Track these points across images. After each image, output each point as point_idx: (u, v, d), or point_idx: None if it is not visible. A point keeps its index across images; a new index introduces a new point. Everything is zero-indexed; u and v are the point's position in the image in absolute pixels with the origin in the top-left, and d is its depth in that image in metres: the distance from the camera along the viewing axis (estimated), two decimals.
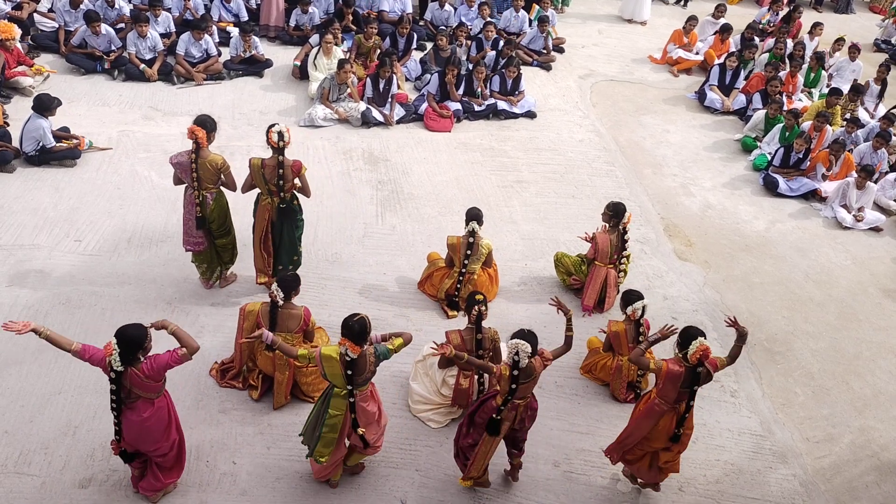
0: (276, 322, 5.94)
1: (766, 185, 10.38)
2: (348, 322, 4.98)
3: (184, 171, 6.72)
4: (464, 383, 6.20)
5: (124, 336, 4.78)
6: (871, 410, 7.13)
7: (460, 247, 7.26)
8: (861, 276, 8.92)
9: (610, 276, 7.56)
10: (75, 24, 11.37)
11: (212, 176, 6.74)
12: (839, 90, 11.58)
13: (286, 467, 5.73)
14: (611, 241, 7.47)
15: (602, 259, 7.51)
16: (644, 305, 6.39)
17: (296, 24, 12.68)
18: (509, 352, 5.03)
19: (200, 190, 6.76)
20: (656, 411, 5.38)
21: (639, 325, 6.46)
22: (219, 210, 6.98)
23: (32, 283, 7.30)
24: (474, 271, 7.33)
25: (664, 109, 12.33)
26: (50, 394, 6.20)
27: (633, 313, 6.40)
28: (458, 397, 6.26)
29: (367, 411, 5.22)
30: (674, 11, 16.75)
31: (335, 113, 10.58)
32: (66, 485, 5.54)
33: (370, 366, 5.04)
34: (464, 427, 5.52)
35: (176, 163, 6.71)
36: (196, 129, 6.50)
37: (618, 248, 7.51)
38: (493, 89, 11.41)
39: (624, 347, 6.52)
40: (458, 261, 7.29)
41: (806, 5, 17.61)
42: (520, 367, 5.03)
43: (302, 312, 6.02)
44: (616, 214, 7.45)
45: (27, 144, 8.86)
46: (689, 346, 5.14)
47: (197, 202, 6.79)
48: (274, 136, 6.58)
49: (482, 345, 6.05)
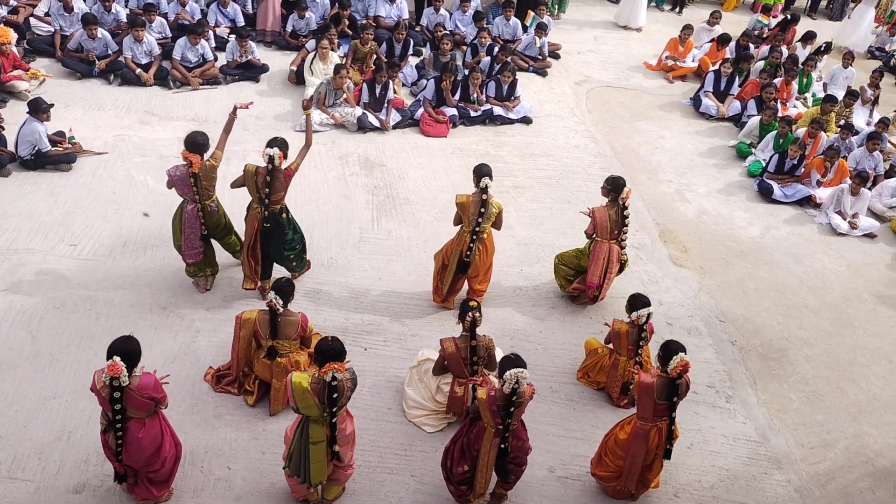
0: (276, 329, 5.94)
1: (760, 192, 10.42)
2: (327, 345, 4.95)
3: (184, 185, 6.77)
4: (458, 391, 6.18)
5: (125, 351, 4.75)
6: (866, 416, 7.14)
7: (470, 205, 7.08)
8: (855, 283, 8.95)
9: (612, 251, 7.42)
10: (71, 29, 11.37)
11: (211, 182, 6.86)
12: (834, 97, 11.63)
13: (281, 473, 5.70)
14: (610, 217, 7.35)
15: (602, 234, 7.39)
16: (649, 313, 6.36)
17: (292, 29, 12.69)
18: (508, 382, 4.94)
19: (203, 200, 6.86)
20: (641, 433, 5.48)
21: (641, 330, 6.45)
22: (219, 216, 7.13)
23: (27, 287, 7.28)
24: (485, 230, 7.20)
25: (659, 116, 12.37)
26: (44, 398, 6.18)
27: (637, 319, 6.37)
28: (453, 405, 6.24)
29: (344, 432, 5.16)
30: (669, 18, 16.81)
31: (331, 118, 10.59)
32: (60, 490, 5.51)
33: (347, 391, 4.97)
34: (455, 453, 5.46)
35: (175, 176, 6.77)
36: (191, 156, 6.63)
37: (617, 224, 7.39)
38: (488, 95, 11.44)
39: (623, 348, 6.51)
40: (468, 219, 7.13)
41: (801, 12, 17.68)
42: (517, 394, 5.01)
43: (299, 319, 6.01)
44: (614, 188, 7.35)
45: (23, 148, 8.84)
46: (669, 361, 5.25)
47: (200, 215, 6.89)
48: (265, 157, 6.70)
49: (476, 352, 6.04)
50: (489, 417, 5.10)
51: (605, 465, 5.80)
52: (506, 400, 5.01)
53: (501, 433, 5.16)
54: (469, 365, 6.08)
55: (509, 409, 5.03)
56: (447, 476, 5.59)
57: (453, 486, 5.59)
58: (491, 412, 5.07)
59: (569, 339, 7.49)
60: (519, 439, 5.33)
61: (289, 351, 6.04)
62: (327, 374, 4.77)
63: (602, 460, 5.84)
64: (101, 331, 6.81)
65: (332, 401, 4.87)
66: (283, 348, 6.00)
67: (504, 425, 5.11)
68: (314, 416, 4.97)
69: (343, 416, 5.13)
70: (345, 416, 5.17)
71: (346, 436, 5.19)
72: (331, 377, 4.78)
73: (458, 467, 5.43)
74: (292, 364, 6.01)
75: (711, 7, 16.60)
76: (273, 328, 5.93)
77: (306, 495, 5.52)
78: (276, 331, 5.95)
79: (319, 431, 5.02)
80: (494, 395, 5.04)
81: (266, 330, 5.95)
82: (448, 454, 5.53)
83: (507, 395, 4.99)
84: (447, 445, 5.57)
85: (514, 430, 5.23)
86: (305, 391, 4.86)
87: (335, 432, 5.03)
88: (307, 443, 5.03)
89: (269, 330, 5.94)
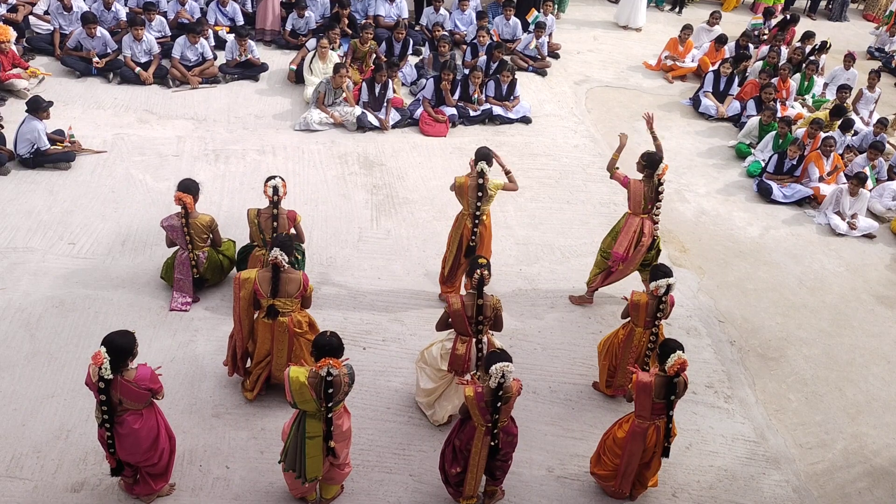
0: (277, 287, 5.85)
1: (759, 192, 10.42)
2: (324, 339, 4.94)
3: (176, 234, 7.00)
4: (460, 349, 5.98)
5: (113, 344, 4.76)
6: (864, 417, 7.15)
7: (469, 188, 7.06)
8: (854, 283, 8.95)
9: (645, 225, 7.33)
10: (70, 27, 11.36)
11: (203, 235, 7.06)
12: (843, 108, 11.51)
13: (279, 472, 5.69)
14: (644, 192, 7.28)
15: (636, 208, 7.32)
16: (669, 284, 6.15)
17: (292, 28, 12.69)
18: (494, 377, 4.92)
19: (194, 250, 7.06)
20: (639, 431, 5.49)
21: (660, 302, 6.27)
22: (211, 265, 7.27)
23: (26, 285, 7.27)
24: (485, 212, 7.20)
25: (659, 116, 12.31)
26: (42, 397, 6.18)
27: (657, 289, 6.19)
28: (454, 363, 6.03)
29: (340, 429, 5.16)
30: (669, 18, 16.82)
31: (330, 117, 10.59)
32: (58, 489, 5.51)
33: (344, 386, 4.97)
34: (448, 455, 5.46)
35: (167, 226, 7.01)
36: (183, 196, 6.79)
37: (651, 199, 7.30)
38: (488, 94, 11.44)
39: (641, 319, 6.34)
40: (467, 202, 7.12)
41: (800, 13, 17.69)
42: (503, 388, 4.99)
43: (300, 276, 5.94)
44: (650, 164, 7.25)
45: (21, 147, 8.84)
46: (667, 360, 5.26)
47: (193, 263, 7.09)
48: (269, 190, 6.79)
49: (482, 311, 5.87)
50: (478, 415, 5.10)
51: (604, 463, 5.81)
52: (492, 395, 5.00)
53: (491, 431, 5.16)
54: (474, 324, 5.91)
55: (496, 404, 5.02)
56: (444, 479, 5.61)
57: (452, 489, 5.60)
58: (479, 409, 5.06)
59: (567, 338, 7.49)
60: (509, 435, 5.33)
61: (290, 310, 5.95)
62: (322, 368, 4.79)
63: (601, 459, 5.84)
64: (99, 329, 6.79)
65: (327, 396, 4.87)
66: (286, 307, 5.91)
67: (493, 422, 5.11)
68: (311, 411, 4.98)
69: (340, 412, 5.13)
70: (342, 413, 5.17)
71: (343, 432, 5.19)
72: (326, 372, 4.79)
73: (451, 469, 5.44)
74: (294, 323, 5.96)
75: (711, 7, 16.60)
76: (275, 286, 5.84)
77: (304, 492, 5.51)
78: (278, 288, 5.85)
79: (316, 426, 5.03)
80: (482, 391, 5.04)
81: (267, 288, 5.84)
82: (443, 456, 5.54)
83: (494, 389, 4.97)
84: (442, 448, 5.58)
85: (503, 426, 5.23)
86: (303, 385, 4.87)
87: (331, 428, 5.04)
88: (303, 437, 5.04)
89: (269, 287, 5.84)
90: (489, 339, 6.08)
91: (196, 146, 9.84)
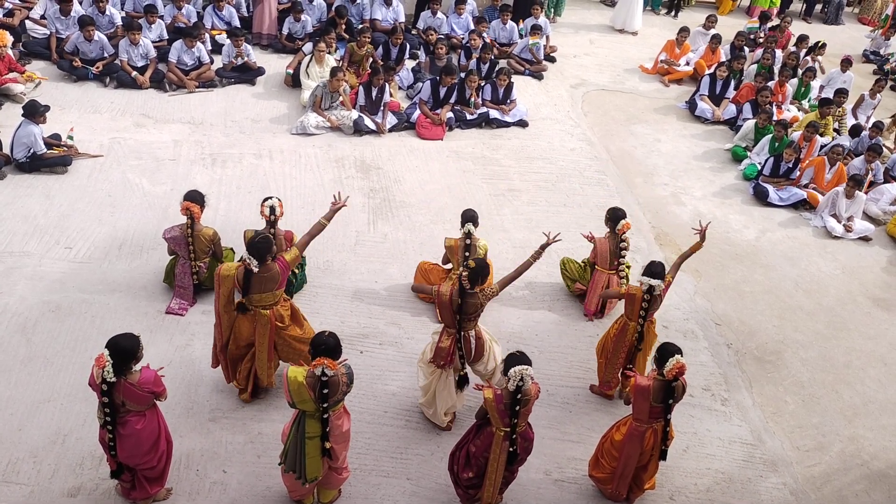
0: (249, 287, 5.84)
1: (756, 195, 10.44)
2: (321, 339, 4.96)
3: (179, 245, 7.05)
4: (444, 342, 5.97)
5: (117, 347, 4.77)
6: (861, 419, 7.16)
7: (458, 249, 7.27)
8: (850, 286, 8.97)
9: (611, 281, 7.51)
10: (67, 31, 11.35)
11: (205, 247, 7.11)
12: (830, 100, 11.67)
13: (276, 476, 5.69)
14: (609, 248, 7.47)
15: (602, 264, 7.52)
16: (652, 285, 6.14)
17: (288, 32, 12.70)
18: (513, 379, 4.93)
19: (196, 261, 7.11)
20: (637, 434, 5.49)
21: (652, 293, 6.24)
22: (212, 274, 7.15)
23: (22, 290, 7.26)
24: None
25: (655, 119, 12.39)
26: (39, 401, 6.17)
27: (641, 284, 6.21)
28: (438, 355, 6.01)
29: (340, 429, 5.16)
30: (665, 22, 16.86)
31: (327, 121, 10.59)
32: (55, 494, 5.50)
33: (343, 386, 4.98)
34: (461, 459, 5.45)
35: (170, 238, 7.06)
36: (191, 206, 6.85)
37: (615, 255, 7.48)
38: (484, 98, 11.45)
39: (635, 313, 6.35)
40: (457, 262, 7.29)
41: (795, 16, 17.76)
42: (523, 391, 4.99)
43: (278, 271, 5.86)
44: (612, 219, 7.46)
45: (18, 151, 8.83)
46: (666, 363, 5.26)
47: (193, 272, 7.14)
48: (266, 210, 6.86)
49: (465, 309, 5.80)
50: (497, 418, 5.09)
51: (602, 466, 5.81)
52: (511, 398, 5.01)
53: (509, 435, 5.16)
54: (457, 319, 5.87)
55: (515, 407, 5.03)
56: (455, 480, 5.59)
57: (461, 490, 5.58)
58: (499, 412, 5.06)
59: (564, 342, 7.49)
60: (526, 440, 5.33)
61: (272, 303, 5.97)
62: (317, 368, 4.79)
63: (599, 462, 5.84)
64: (96, 334, 6.79)
65: (322, 396, 4.87)
66: (264, 300, 5.93)
67: (511, 426, 5.10)
68: (310, 411, 4.98)
69: (340, 412, 5.13)
70: (341, 413, 5.17)
71: (342, 433, 5.18)
72: (320, 372, 4.79)
73: (464, 473, 5.43)
74: (276, 317, 5.99)
75: (707, 11, 16.66)
76: (246, 286, 5.85)
77: (303, 494, 5.50)
78: (249, 289, 5.86)
79: (316, 426, 5.03)
80: (501, 393, 5.04)
81: (241, 285, 5.87)
82: (454, 459, 5.53)
83: (513, 392, 4.98)
84: (452, 450, 5.57)
85: (521, 431, 5.23)
86: (301, 385, 4.87)
87: (327, 428, 5.03)
88: (303, 437, 5.04)
89: (244, 285, 5.85)
90: (479, 333, 6.07)
91: (193, 150, 9.83)
